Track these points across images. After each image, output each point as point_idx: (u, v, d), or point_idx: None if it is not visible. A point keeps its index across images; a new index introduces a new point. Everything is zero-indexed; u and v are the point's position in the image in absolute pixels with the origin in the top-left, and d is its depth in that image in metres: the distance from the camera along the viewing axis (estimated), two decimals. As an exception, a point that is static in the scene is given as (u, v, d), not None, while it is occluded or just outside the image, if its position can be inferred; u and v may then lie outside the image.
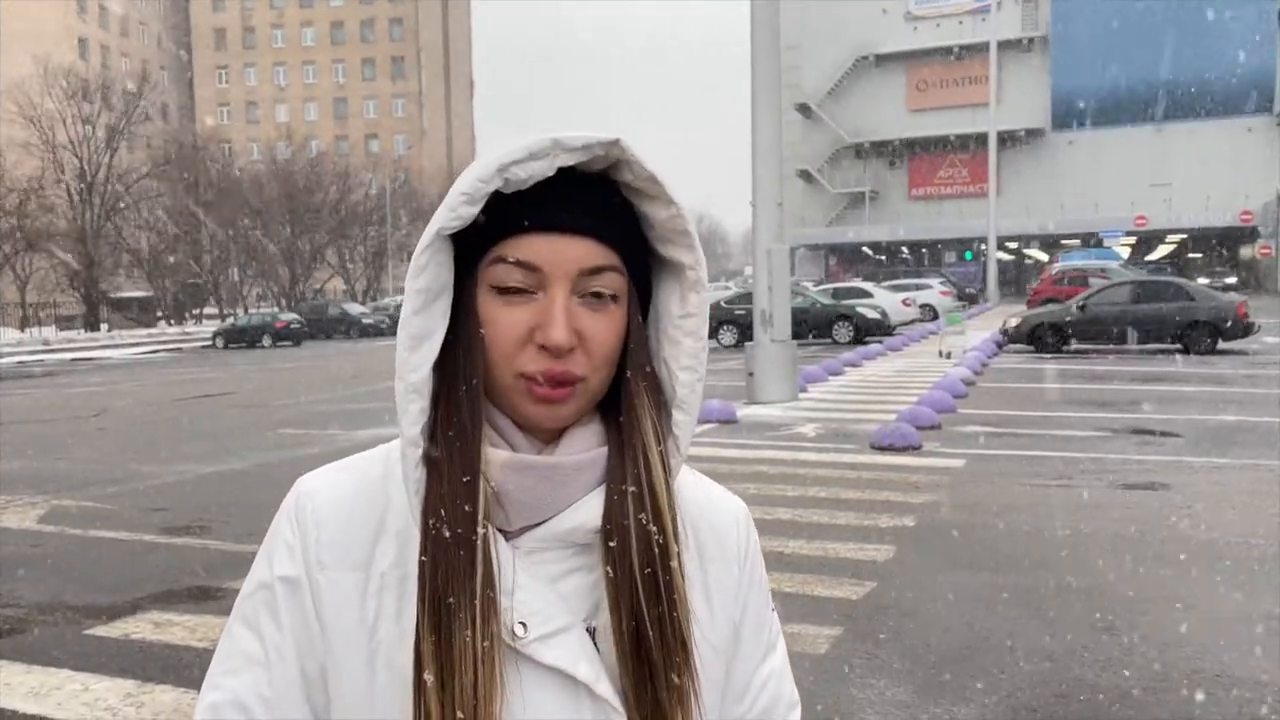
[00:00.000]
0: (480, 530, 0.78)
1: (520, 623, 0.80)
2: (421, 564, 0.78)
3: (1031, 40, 57.51)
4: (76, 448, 11.86)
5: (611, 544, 0.81)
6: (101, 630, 5.10)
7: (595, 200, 0.82)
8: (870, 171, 61.64)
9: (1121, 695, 4.03)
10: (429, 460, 0.80)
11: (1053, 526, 6.68)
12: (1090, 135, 55.95)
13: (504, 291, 0.80)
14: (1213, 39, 51.95)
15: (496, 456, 0.81)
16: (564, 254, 0.80)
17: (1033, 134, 57.51)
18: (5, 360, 32.78)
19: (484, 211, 0.80)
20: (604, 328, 0.81)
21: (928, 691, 4.11)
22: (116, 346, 40.44)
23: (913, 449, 9.50)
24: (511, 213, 0.80)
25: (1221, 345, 19.00)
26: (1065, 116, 56.49)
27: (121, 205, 53.16)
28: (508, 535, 0.82)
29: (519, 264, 0.80)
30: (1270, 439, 9.79)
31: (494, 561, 0.79)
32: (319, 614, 0.83)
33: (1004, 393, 14.10)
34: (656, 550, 0.82)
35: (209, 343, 40.33)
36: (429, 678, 0.76)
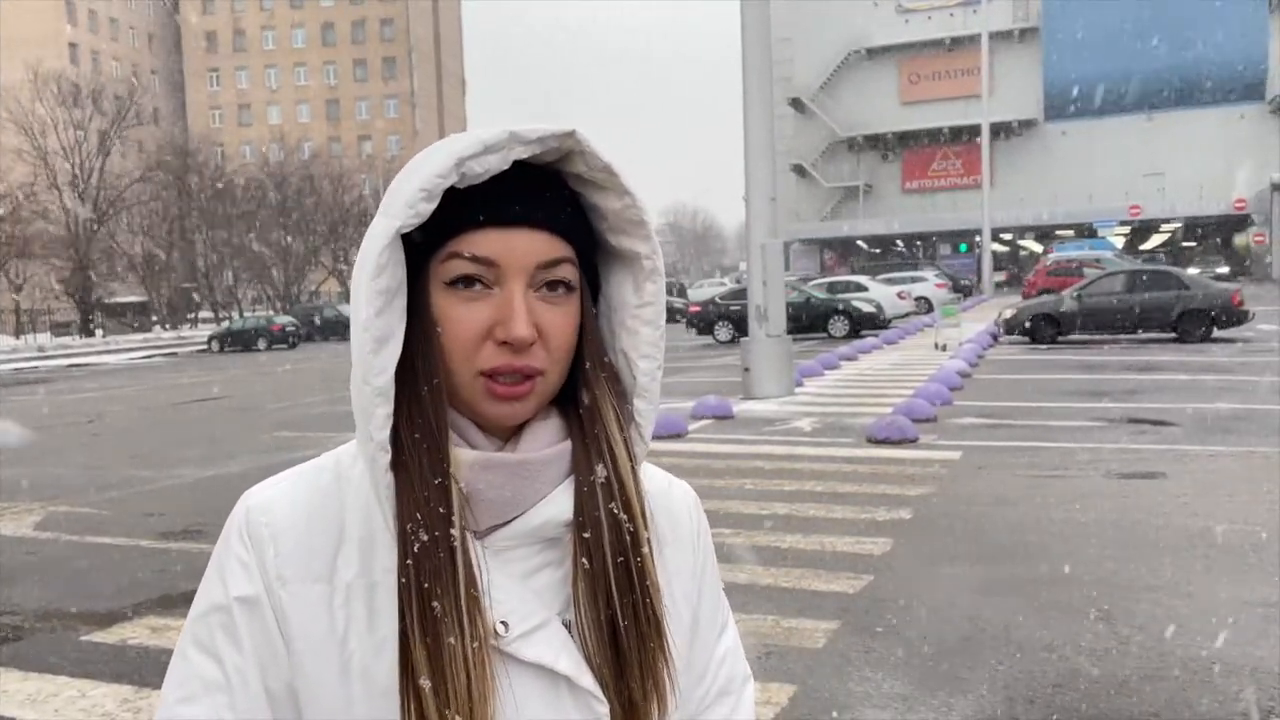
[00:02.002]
0: (456, 532, 0.78)
1: (501, 622, 0.80)
2: (405, 569, 0.77)
3: (1023, 31, 57.49)
4: (72, 454, 11.84)
5: (585, 535, 0.82)
6: (98, 636, 5.09)
7: (547, 192, 0.82)
8: (864, 165, 61.64)
9: (1119, 684, 4.04)
10: (396, 465, 0.79)
11: (1049, 517, 6.69)
12: (1083, 125, 55.97)
13: (460, 288, 0.80)
14: (1204, 27, 51.99)
15: (463, 456, 0.81)
16: (520, 248, 0.80)
17: (1026, 125, 57.54)
18: (1, 367, 32.71)
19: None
20: (562, 321, 0.82)
21: (925, 683, 4.11)
22: (112, 352, 40.36)
23: (909, 442, 9.50)
24: (464, 207, 0.79)
25: (1216, 333, 19.02)
26: (1058, 107, 56.52)
27: (114, 210, 53.03)
28: (476, 535, 0.81)
29: (475, 259, 0.79)
30: (1266, 426, 9.80)
31: (473, 562, 0.79)
32: (283, 631, 0.82)
33: (1000, 384, 14.12)
34: (628, 539, 0.83)
35: (204, 347, 40.24)
36: (425, 684, 0.76)
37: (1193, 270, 37.17)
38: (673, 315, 34.98)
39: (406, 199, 0.77)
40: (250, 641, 0.82)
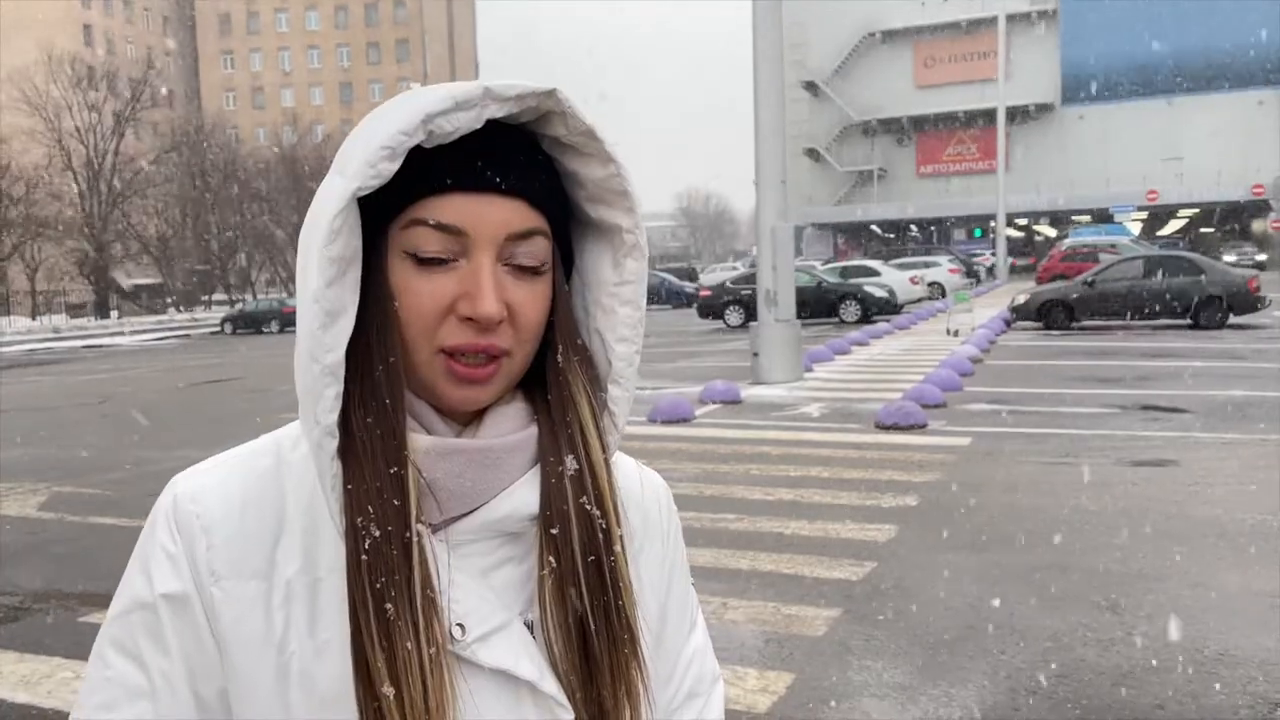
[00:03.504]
0: (414, 525, 0.71)
1: (458, 624, 0.74)
2: (355, 568, 0.70)
3: (1041, 14, 56.81)
4: (80, 434, 11.87)
5: (553, 531, 0.75)
6: (96, 618, 5.06)
7: (520, 157, 0.75)
8: (878, 149, 61.18)
9: (1124, 675, 3.97)
10: (345, 452, 0.72)
11: (1058, 504, 6.60)
12: (1100, 109, 55.33)
13: (422, 259, 0.72)
14: (1223, 11, 51.25)
15: (420, 442, 0.74)
16: (490, 216, 0.72)
17: (1042, 109, 56.95)
18: (15, 348, 32.93)
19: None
20: (532, 298, 0.75)
21: (926, 673, 4.05)
22: (126, 334, 40.58)
23: (918, 428, 9.41)
24: (429, 169, 0.72)
25: (1232, 320, 18.81)
26: (1075, 91, 55.88)
27: (128, 192, 53.22)
28: (432, 528, 0.74)
29: (439, 227, 0.72)
30: (1278, 414, 9.67)
31: (430, 559, 0.72)
32: (215, 631, 0.75)
33: (1011, 370, 13.99)
34: (600, 536, 0.76)
35: (218, 329, 40.41)
36: (388, 691, 0.69)
37: (1227, 257, 36.78)
38: (688, 300, 34.87)
39: (366, 157, 0.69)
40: (178, 643, 0.75)
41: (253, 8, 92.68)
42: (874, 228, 61.77)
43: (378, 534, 0.70)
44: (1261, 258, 41.72)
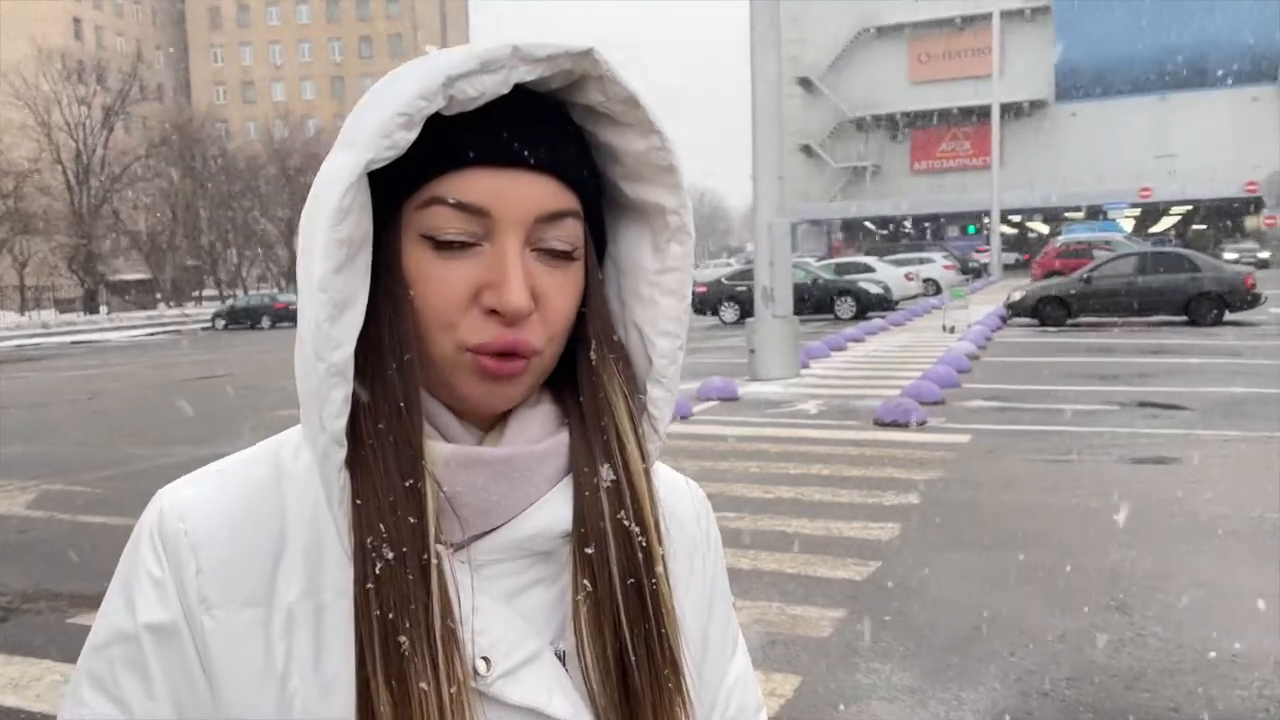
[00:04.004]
0: (432, 546, 0.62)
1: (482, 657, 0.65)
2: (364, 595, 0.61)
3: (1035, 10, 56.81)
4: (69, 431, 11.74)
5: (588, 550, 0.67)
6: (86, 619, 4.96)
7: (550, 127, 0.66)
8: (872, 145, 61.12)
9: (1136, 677, 3.90)
10: (354, 462, 0.63)
11: (1060, 502, 6.54)
12: (1094, 106, 55.35)
13: (441, 243, 0.63)
14: (1216, 9, 51.33)
15: (439, 451, 0.65)
16: (518, 195, 0.64)
17: (1036, 105, 56.94)
18: (4, 344, 32.70)
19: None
20: (563, 288, 0.66)
21: (935, 675, 3.98)
22: (116, 329, 40.35)
23: (917, 425, 9.34)
24: (449, 141, 0.63)
25: (1228, 317, 18.80)
26: (1069, 87, 55.91)
27: (118, 187, 52.93)
28: (454, 548, 0.66)
29: (461, 207, 0.63)
30: (1278, 411, 9.63)
31: (449, 585, 0.63)
32: (206, 666, 0.66)
33: (1008, 367, 13.94)
34: (640, 556, 0.68)
35: (208, 324, 40.24)
36: None
37: (1228, 255, 36.68)
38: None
39: (379, 125, 0.61)
40: (164, 679, 0.66)
41: (243, 1, 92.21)
42: (868, 224, 61.74)
43: (391, 556, 0.61)
44: (1264, 255, 41.16)
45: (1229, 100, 52.41)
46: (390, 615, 0.61)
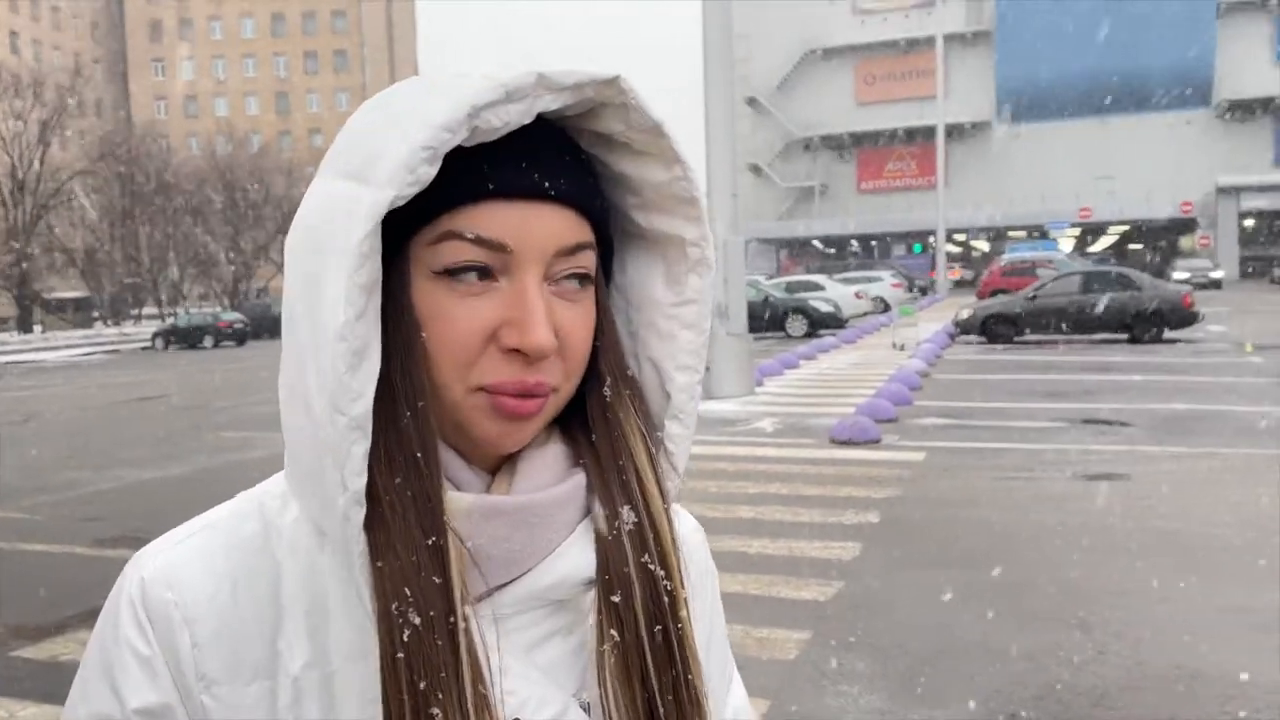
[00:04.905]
0: (459, 608, 0.58)
1: (514, 719, 0.61)
2: (393, 665, 0.57)
3: (976, 34, 58.16)
4: (3, 455, 11.34)
5: (614, 599, 0.64)
6: (28, 652, 4.79)
7: (567, 158, 0.63)
8: (820, 165, 61.93)
9: (1100, 695, 3.92)
10: (371, 522, 0.58)
11: (1018, 520, 6.60)
12: (1035, 128, 56.76)
13: (456, 280, 0.59)
14: (1153, 33, 52.96)
15: (459, 503, 0.61)
16: (539, 229, 0.60)
17: (979, 127, 58.21)
18: (-67, 364, 31.61)
19: None
20: (581, 323, 0.63)
21: (903, 696, 3.97)
22: (51, 349, 39.23)
23: (872, 443, 9.40)
24: (465, 172, 0.59)
25: (1168, 334, 19.28)
26: (1011, 109, 57.25)
27: (54, 203, 51.62)
28: (476, 600, 0.62)
29: (480, 242, 0.59)
30: (1223, 427, 9.86)
31: (478, 645, 0.59)
32: None
33: (959, 384, 14.12)
34: (666, 601, 0.65)
35: (148, 344, 39.26)
36: None
37: (1178, 275, 37.39)
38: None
39: (404, 160, 0.56)
40: None
41: (185, 15, 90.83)
42: (816, 243, 62.45)
43: (418, 621, 0.57)
44: (1218, 275, 40.95)
45: (1165, 123, 54.11)
46: (422, 684, 0.57)
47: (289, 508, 0.65)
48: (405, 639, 0.57)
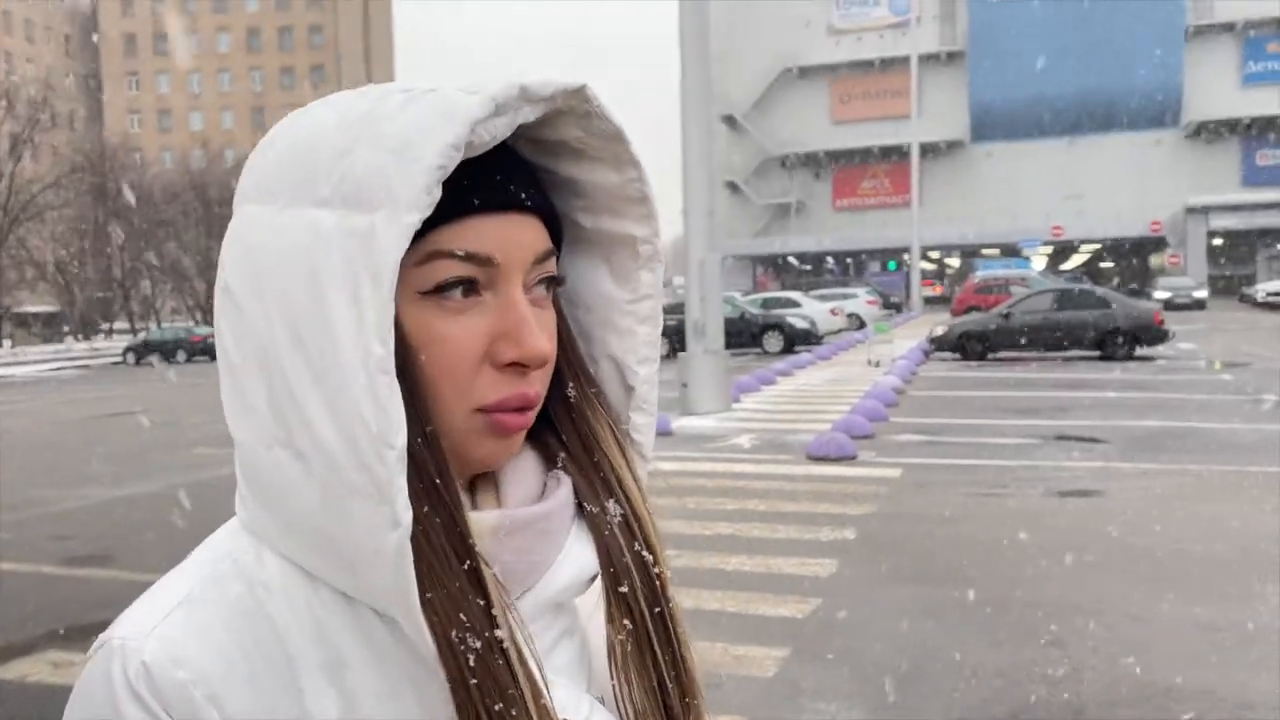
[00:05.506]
0: (508, 625, 0.58)
1: None
2: (467, 693, 0.56)
3: (950, 54, 58.85)
4: (-28, 472, 11.15)
5: (622, 589, 0.66)
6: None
7: (527, 166, 0.64)
8: (796, 182, 62.35)
9: (1076, 711, 3.94)
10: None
11: (993, 536, 6.64)
12: (1007, 148, 57.45)
13: (446, 299, 0.59)
14: (1123, 55, 53.82)
15: (485, 521, 0.61)
16: (520, 240, 0.61)
17: (953, 146, 58.82)
18: (-102, 379, 31.08)
19: None
20: (549, 328, 0.64)
21: (881, 714, 3.97)
22: (20, 364, 38.71)
23: (849, 459, 9.43)
24: (448, 189, 0.57)
25: (1139, 351, 19.50)
26: (984, 129, 57.93)
27: (24, 216, 51.00)
28: None
29: (470, 258, 0.59)
30: (1194, 444, 9.97)
31: (529, 659, 0.59)
32: None
33: (934, 401, 14.21)
34: (657, 584, 0.68)
35: (120, 359, 38.82)
36: None
37: (1159, 294, 37.63)
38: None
39: (420, 181, 0.55)
40: None
41: (160, 29, 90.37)
42: (791, 260, 62.79)
43: (479, 645, 0.57)
44: (1201, 294, 40.05)
45: (1135, 143, 54.91)
46: (497, 707, 0.57)
47: (264, 559, 0.62)
48: (472, 664, 0.56)
